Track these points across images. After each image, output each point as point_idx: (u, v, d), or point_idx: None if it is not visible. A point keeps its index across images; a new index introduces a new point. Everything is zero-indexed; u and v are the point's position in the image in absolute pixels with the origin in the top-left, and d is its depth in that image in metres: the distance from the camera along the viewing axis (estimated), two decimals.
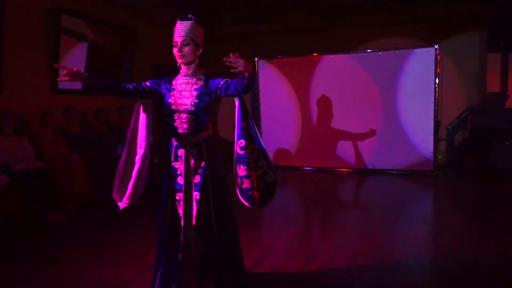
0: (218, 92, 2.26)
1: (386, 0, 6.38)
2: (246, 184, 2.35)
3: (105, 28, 6.10)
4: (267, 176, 2.38)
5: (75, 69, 2.09)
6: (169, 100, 2.31)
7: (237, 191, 2.40)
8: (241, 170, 2.36)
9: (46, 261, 3.22)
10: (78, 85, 5.94)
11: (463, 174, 6.43)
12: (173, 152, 2.37)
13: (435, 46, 6.16)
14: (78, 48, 5.67)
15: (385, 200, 5.12)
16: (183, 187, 2.33)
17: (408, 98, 6.42)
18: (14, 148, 4.36)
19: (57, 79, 2.50)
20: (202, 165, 2.31)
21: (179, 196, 2.34)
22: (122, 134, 5.84)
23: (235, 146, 2.38)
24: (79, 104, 5.58)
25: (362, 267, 2.94)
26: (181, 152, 2.34)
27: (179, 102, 2.29)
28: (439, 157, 6.78)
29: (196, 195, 2.30)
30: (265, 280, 2.77)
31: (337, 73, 6.83)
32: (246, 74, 2.02)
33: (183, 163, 2.32)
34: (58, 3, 5.23)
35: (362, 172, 6.73)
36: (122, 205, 2.45)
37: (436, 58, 6.15)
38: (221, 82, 2.25)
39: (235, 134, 2.39)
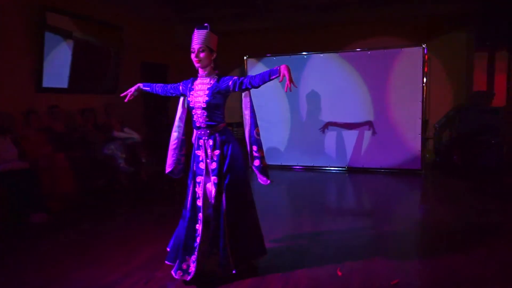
0: (231, 89, 2.68)
1: (375, 0, 6.41)
2: (258, 162, 2.83)
3: (91, 26, 5.99)
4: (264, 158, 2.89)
5: (134, 88, 2.92)
6: (189, 99, 2.77)
7: (254, 168, 2.86)
8: (255, 151, 2.84)
9: (31, 262, 3.16)
10: (63, 84, 5.85)
11: (450, 172, 6.49)
12: (195, 142, 2.83)
13: (423, 46, 6.20)
14: (63, 46, 5.56)
15: (374, 198, 5.15)
16: (203, 172, 2.74)
17: (397, 97, 6.46)
18: None
19: (125, 101, 2.94)
20: (217, 153, 2.72)
21: (200, 179, 2.75)
22: (109, 134, 5.77)
23: (252, 132, 2.85)
24: (64, 103, 5.49)
25: (350, 266, 2.93)
26: (201, 142, 2.77)
27: (195, 100, 2.71)
28: (427, 155, 6.83)
29: (214, 179, 2.72)
30: (255, 278, 2.74)
31: (326, 72, 6.83)
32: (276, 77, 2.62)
33: (203, 151, 2.75)
34: (43, 0, 5.12)
35: (351, 171, 6.75)
36: (166, 170, 2.98)
37: (424, 57, 6.19)
38: (230, 82, 2.66)
39: (250, 122, 2.86)
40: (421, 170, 6.39)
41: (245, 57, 7.32)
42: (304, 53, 7.03)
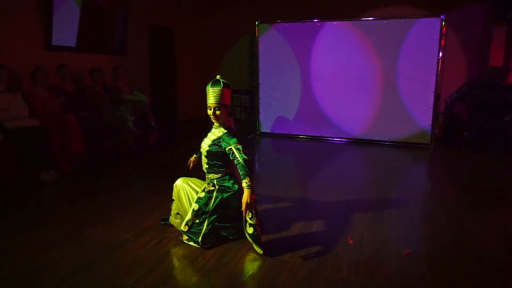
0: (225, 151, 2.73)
1: None
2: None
3: None
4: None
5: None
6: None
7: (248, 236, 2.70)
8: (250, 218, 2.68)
9: (42, 218, 3.20)
10: (71, 42, 5.74)
11: (460, 147, 6.44)
12: None
13: (441, 17, 6.00)
14: (71, 4, 5.42)
15: (381, 170, 5.13)
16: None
17: (410, 69, 6.31)
18: (7, 105, 4.22)
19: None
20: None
21: None
22: (117, 96, 5.71)
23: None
24: (73, 62, 5.41)
25: (361, 235, 2.96)
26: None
27: (202, 145, 2.89)
28: (436, 130, 6.76)
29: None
30: (264, 244, 2.78)
31: (339, 41, 6.67)
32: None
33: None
34: None
35: (359, 143, 6.72)
36: None
37: (441, 29, 6.00)
38: (227, 148, 2.69)
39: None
40: (430, 144, 6.34)
41: (256, 22, 7.13)
42: (316, 20, 6.83)
